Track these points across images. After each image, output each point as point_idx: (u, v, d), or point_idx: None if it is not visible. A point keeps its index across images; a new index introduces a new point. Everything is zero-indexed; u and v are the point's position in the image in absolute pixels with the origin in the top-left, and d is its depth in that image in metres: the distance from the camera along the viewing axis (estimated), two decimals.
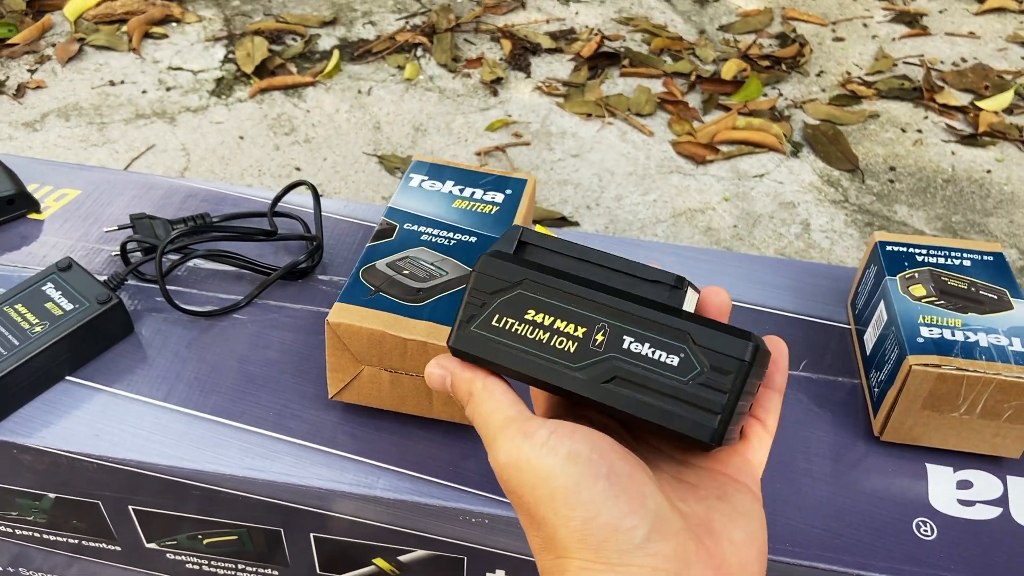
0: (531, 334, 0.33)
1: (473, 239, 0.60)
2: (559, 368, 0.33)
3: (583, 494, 0.29)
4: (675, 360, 0.31)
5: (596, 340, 0.32)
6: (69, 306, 0.59)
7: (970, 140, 1.53)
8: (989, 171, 1.46)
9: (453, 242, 0.59)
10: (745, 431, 0.35)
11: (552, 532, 0.30)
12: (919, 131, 1.55)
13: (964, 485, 0.56)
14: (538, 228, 0.38)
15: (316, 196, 0.71)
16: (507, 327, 0.34)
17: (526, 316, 0.33)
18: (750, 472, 0.34)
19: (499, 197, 0.64)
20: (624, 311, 0.32)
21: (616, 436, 0.35)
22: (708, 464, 0.35)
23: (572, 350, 0.33)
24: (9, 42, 1.58)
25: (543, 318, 0.33)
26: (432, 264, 0.57)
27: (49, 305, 0.59)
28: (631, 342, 0.32)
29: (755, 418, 0.35)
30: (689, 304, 0.34)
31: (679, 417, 0.31)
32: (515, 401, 0.33)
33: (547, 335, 0.33)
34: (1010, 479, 0.57)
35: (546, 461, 0.30)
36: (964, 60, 1.76)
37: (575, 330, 0.33)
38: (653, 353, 0.31)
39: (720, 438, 0.31)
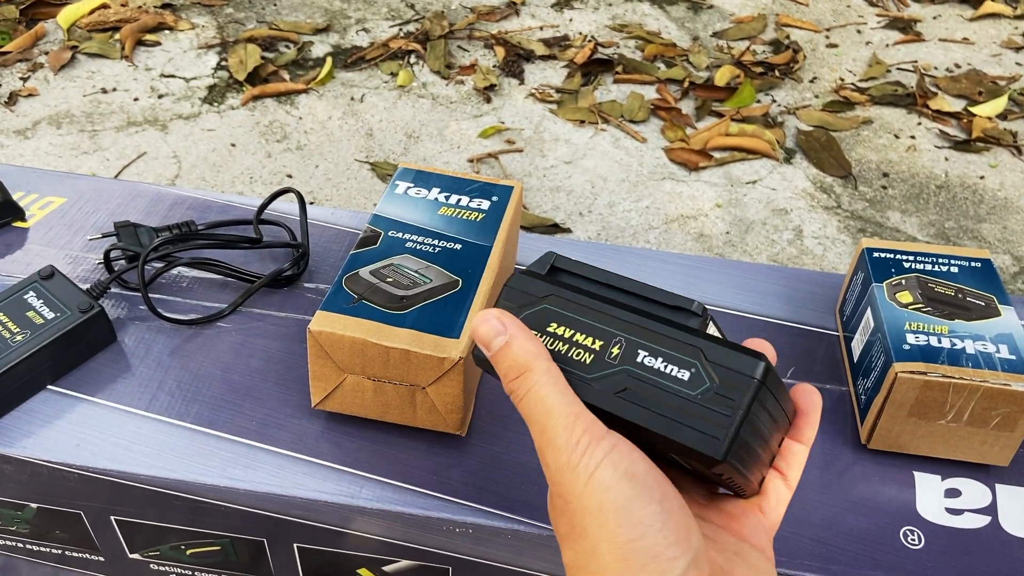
0: (551, 345, 0.35)
1: (458, 246, 0.59)
2: (575, 379, 0.34)
3: (634, 513, 0.29)
4: (686, 375, 0.32)
5: (612, 353, 0.33)
6: (51, 315, 0.59)
7: (964, 146, 1.53)
8: (983, 177, 1.46)
9: (438, 249, 0.59)
10: (764, 485, 0.35)
11: (593, 545, 0.30)
12: (912, 137, 1.55)
13: (952, 493, 0.56)
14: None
15: (302, 203, 0.71)
16: None
17: (548, 328, 0.35)
18: (764, 532, 0.34)
19: (485, 204, 0.63)
20: (640, 326, 0.33)
21: None
22: (724, 521, 0.34)
23: (588, 361, 0.34)
24: (2, 50, 1.58)
25: (564, 331, 0.35)
26: (416, 272, 0.57)
27: (31, 314, 0.59)
28: (645, 356, 0.33)
29: (777, 471, 0.35)
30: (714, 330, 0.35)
31: (688, 430, 0.31)
32: (576, 399, 0.33)
33: (566, 347, 0.34)
34: (999, 487, 0.56)
35: (604, 473, 0.30)
36: (958, 66, 1.76)
37: (593, 343, 0.34)
38: (665, 367, 0.32)
39: (727, 453, 0.31)
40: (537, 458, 0.57)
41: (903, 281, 0.60)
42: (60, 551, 0.64)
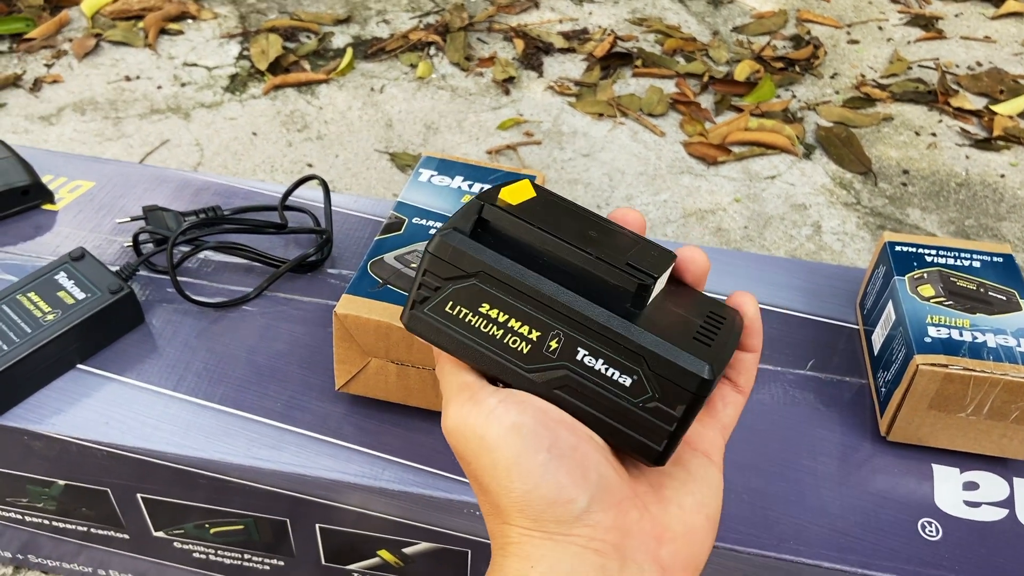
0: (485, 328, 0.32)
1: None
2: (512, 367, 0.32)
3: (523, 465, 0.30)
4: (628, 381, 0.31)
5: (550, 346, 0.32)
6: (81, 295, 0.60)
7: (984, 144, 1.52)
8: (1003, 175, 1.45)
9: None
10: (711, 396, 0.35)
11: (496, 499, 0.31)
12: (933, 134, 1.54)
13: (970, 486, 0.56)
14: (517, 186, 0.31)
15: (326, 190, 0.72)
16: (461, 316, 0.33)
17: (480, 309, 0.32)
18: (711, 438, 0.34)
19: None
20: (580, 322, 0.31)
21: None
22: None
23: (525, 352, 0.32)
24: (27, 37, 1.59)
25: (497, 314, 0.32)
26: None
27: (61, 294, 0.60)
28: (585, 355, 0.31)
29: (726, 379, 0.35)
30: (661, 283, 0.33)
31: (626, 436, 0.31)
32: (469, 371, 0.33)
33: (501, 332, 0.32)
34: (1017, 481, 0.56)
35: (491, 431, 0.30)
36: (979, 64, 1.75)
37: (529, 332, 0.32)
38: (606, 370, 0.31)
39: (664, 460, 0.31)
40: None
41: (925, 275, 0.60)
42: (85, 528, 0.65)
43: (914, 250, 0.62)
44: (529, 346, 0.32)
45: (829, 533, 0.53)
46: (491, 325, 0.32)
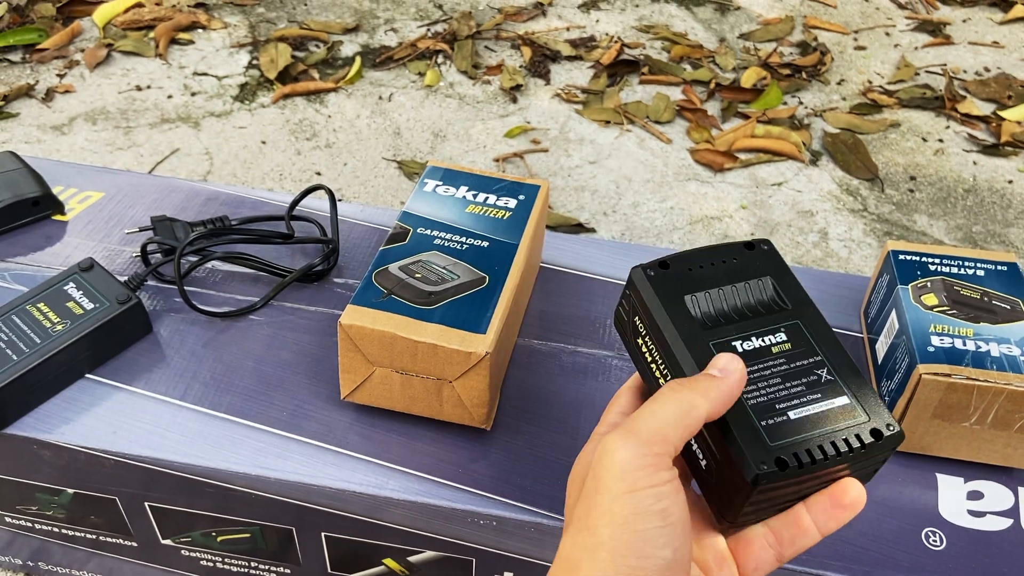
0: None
1: (485, 244, 0.60)
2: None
3: (647, 548, 0.32)
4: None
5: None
6: (90, 305, 0.61)
7: (992, 150, 1.51)
8: (1011, 181, 1.44)
9: (465, 246, 0.60)
10: (754, 551, 0.36)
11: (594, 549, 0.32)
12: (940, 140, 1.54)
13: (975, 496, 0.56)
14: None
15: (333, 200, 0.72)
16: None
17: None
18: None
19: (512, 202, 0.64)
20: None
21: None
22: (700, 554, 0.37)
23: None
24: (39, 47, 1.61)
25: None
26: (444, 268, 0.58)
27: (71, 304, 0.61)
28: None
29: (777, 540, 0.36)
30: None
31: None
32: (680, 427, 0.34)
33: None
34: (1022, 490, 0.56)
35: (644, 495, 0.32)
36: (987, 69, 1.74)
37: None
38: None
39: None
40: (560, 454, 0.57)
41: (929, 283, 0.60)
42: (94, 536, 0.66)
43: (918, 259, 0.62)
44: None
45: (832, 542, 0.54)
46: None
